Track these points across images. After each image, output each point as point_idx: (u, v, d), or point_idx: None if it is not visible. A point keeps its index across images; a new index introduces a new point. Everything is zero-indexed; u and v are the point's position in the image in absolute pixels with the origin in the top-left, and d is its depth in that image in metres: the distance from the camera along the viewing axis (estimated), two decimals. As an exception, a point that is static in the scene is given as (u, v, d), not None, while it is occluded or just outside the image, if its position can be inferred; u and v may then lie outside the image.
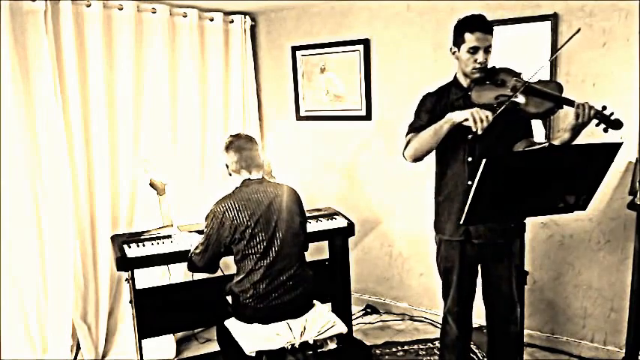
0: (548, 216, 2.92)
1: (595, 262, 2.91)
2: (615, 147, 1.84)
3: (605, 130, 2.00)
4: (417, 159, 2.27)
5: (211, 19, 3.56)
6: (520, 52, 2.90)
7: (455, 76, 2.32)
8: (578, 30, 2.07)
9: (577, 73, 2.80)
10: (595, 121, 2.00)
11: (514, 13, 2.91)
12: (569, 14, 2.77)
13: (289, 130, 3.99)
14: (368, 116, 3.59)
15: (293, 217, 2.38)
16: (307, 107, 3.88)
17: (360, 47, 3.52)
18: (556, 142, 2.09)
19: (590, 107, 1.98)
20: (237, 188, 2.36)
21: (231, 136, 2.46)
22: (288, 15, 3.82)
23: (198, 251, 2.37)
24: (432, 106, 2.29)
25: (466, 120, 2.04)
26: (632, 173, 2.67)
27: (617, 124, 1.99)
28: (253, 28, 3.92)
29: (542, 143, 2.25)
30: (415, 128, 2.29)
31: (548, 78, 2.84)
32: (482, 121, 2.00)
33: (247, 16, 3.78)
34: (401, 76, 3.40)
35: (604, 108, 1.99)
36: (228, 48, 3.72)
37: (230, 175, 2.43)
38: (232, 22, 3.70)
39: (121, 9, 3.04)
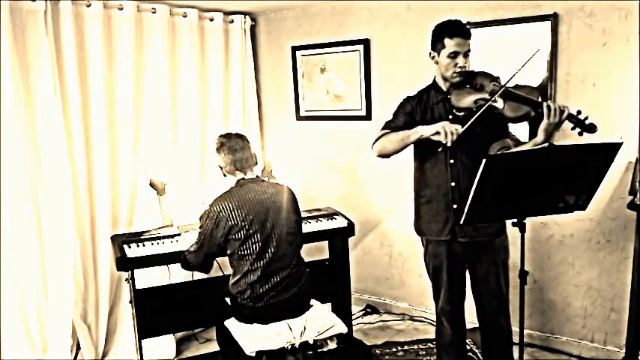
0: (548, 216, 2.92)
1: (595, 262, 2.91)
2: (615, 147, 1.84)
3: (580, 134, 2.04)
4: (383, 156, 2.36)
5: (211, 19, 3.56)
6: (520, 52, 2.90)
7: (434, 80, 2.38)
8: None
9: (577, 73, 2.80)
10: (570, 125, 2.05)
11: (514, 13, 2.91)
12: (569, 14, 2.77)
13: (289, 130, 3.99)
14: (368, 116, 3.59)
15: (289, 216, 2.38)
16: (307, 107, 3.88)
17: (360, 47, 3.52)
18: (529, 145, 2.13)
19: (561, 109, 2.01)
20: (231, 188, 2.36)
21: (221, 136, 2.43)
22: (288, 15, 3.82)
23: (192, 249, 2.37)
24: (412, 109, 2.36)
25: (437, 134, 2.10)
26: (632, 173, 2.67)
27: (591, 128, 2.03)
28: (253, 28, 3.93)
29: (520, 144, 2.27)
30: (390, 126, 2.37)
31: (547, 77, 2.85)
32: (452, 134, 2.06)
33: (247, 16, 3.78)
34: (401, 76, 3.40)
35: (579, 112, 2.04)
36: (228, 48, 3.72)
37: (225, 175, 2.43)
38: (232, 22, 3.70)
39: (121, 9, 3.04)
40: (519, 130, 2.71)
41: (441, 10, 3.11)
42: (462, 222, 1.93)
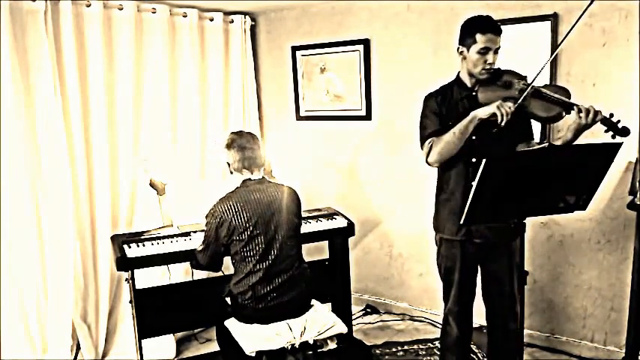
0: (548, 216, 2.92)
1: (595, 262, 2.91)
2: (615, 147, 1.84)
3: (613, 137, 2.03)
4: (442, 161, 2.26)
5: (211, 19, 3.56)
6: (520, 52, 2.90)
7: (458, 76, 2.33)
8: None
9: (577, 73, 2.80)
10: (604, 128, 2.04)
11: (514, 13, 2.91)
12: (569, 14, 2.77)
13: (289, 130, 3.99)
14: (368, 116, 3.59)
15: (292, 218, 2.38)
16: (307, 107, 3.88)
17: (360, 47, 3.52)
18: (558, 143, 2.11)
19: (595, 112, 2.00)
20: (237, 188, 2.34)
21: (232, 133, 2.41)
22: (288, 15, 3.81)
23: (200, 249, 2.37)
24: (438, 107, 2.28)
25: (493, 115, 2.05)
26: (632, 173, 2.67)
27: (624, 132, 2.03)
28: (253, 28, 3.93)
29: (541, 144, 2.26)
30: (433, 132, 2.26)
31: (547, 78, 2.85)
32: (507, 114, 2.02)
33: (247, 16, 3.78)
34: (401, 76, 3.40)
35: (611, 115, 2.02)
36: (228, 48, 3.72)
37: (231, 173, 2.41)
38: (232, 22, 3.70)
39: (121, 9, 3.04)
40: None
41: (441, 10, 3.11)
42: (461, 222, 1.92)
